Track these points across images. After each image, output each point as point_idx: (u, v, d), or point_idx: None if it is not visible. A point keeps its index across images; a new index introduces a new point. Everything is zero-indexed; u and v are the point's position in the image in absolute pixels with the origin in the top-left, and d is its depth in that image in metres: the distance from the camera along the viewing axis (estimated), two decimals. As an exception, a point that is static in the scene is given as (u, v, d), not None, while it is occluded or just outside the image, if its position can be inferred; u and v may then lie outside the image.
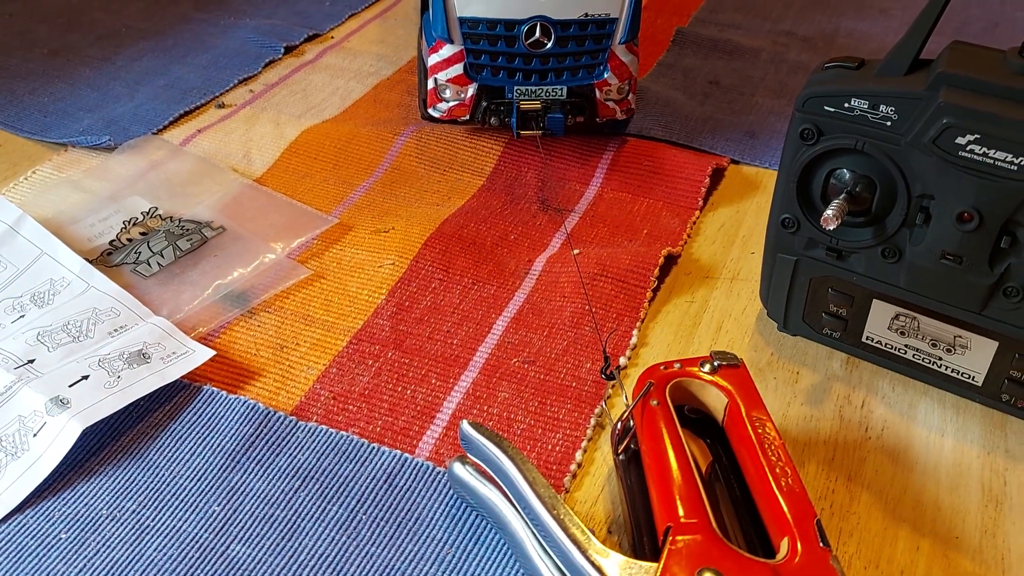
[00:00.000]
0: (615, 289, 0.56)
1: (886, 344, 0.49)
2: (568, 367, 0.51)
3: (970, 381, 0.47)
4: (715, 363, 0.43)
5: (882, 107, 0.43)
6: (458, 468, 0.42)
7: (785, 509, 0.36)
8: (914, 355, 0.48)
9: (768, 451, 0.38)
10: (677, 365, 0.43)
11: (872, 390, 0.49)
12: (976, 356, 0.46)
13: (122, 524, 0.42)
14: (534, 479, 0.38)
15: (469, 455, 0.42)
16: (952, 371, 0.47)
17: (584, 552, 0.35)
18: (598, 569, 0.35)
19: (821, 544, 0.35)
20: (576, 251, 0.60)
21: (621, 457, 0.43)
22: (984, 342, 0.46)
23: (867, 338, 0.49)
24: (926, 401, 0.48)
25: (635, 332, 0.54)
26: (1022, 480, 0.44)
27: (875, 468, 0.45)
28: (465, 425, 0.41)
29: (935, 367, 0.48)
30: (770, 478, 0.37)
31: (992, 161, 0.40)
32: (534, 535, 0.38)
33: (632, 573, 0.35)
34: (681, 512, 0.36)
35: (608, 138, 0.72)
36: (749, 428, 0.40)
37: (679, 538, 0.35)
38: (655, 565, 0.35)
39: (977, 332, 0.46)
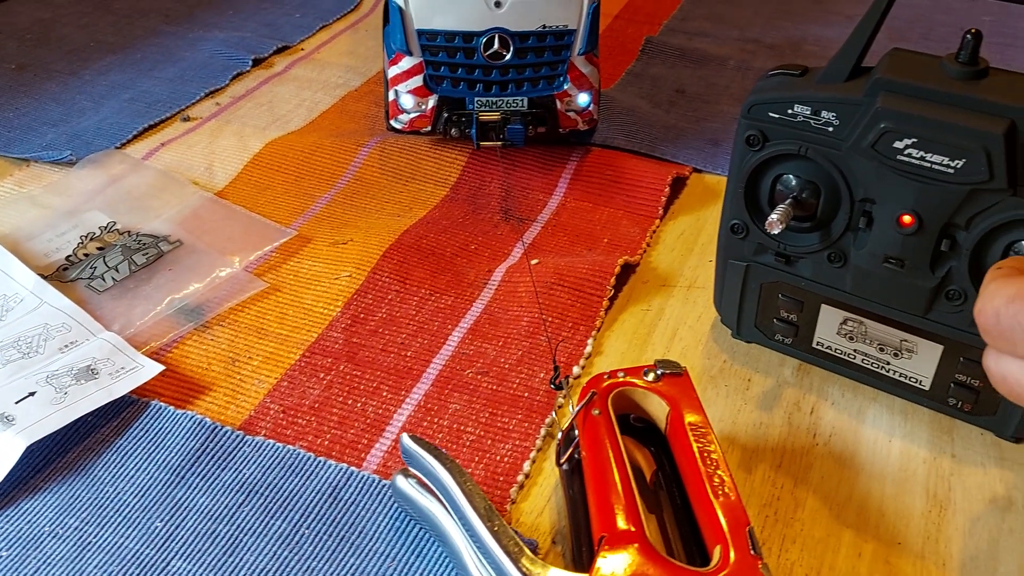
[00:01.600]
0: (571, 298, 0.56)
1: (835, 349, 0.49)
2: (521, 377, 0.51)
3: (917, 385, 0.47)
4: (658, 372, 0.43)
5: (823, 113, 0.43)
6: (400, 481, 0.41)
7: (720, 517, 0.36)
8: (863, 360, 0.48)
9: (706, 459, 0.38)
10: (621, 374, 0.43)
11: (822, 396, 0.49)
12: (923, 360, 0.46)
13: (64, 541, 0.42)
14: (471, 491, 0.38)
15: (411, 468, 0.42)
16: (900, 375, 0.47)
17: (516, 563, 0.35)
18: None
19: (752, 552, 0.35)
20: (535, 261, 0.60)
21: (564, 467, 0.42)
22: (930, 346, 0.45)
23: (817, 343, 0.49)
24: (875, 406, 0.48)
25: (590, 341, 0.53)
26: (967, 484, 0.44)
27: (821, 474, 0.44)
28: (406, 439, 0.41)
29: (883, 372, 0.48)
30: (707, 486, 0.37)
31: (929, 165, 0.40)
32: (474, 550, 0.38)
33: None
34: (616, 522, 0.36)
35: (572, 147, 0.72)
36: (689, 436, 0.40)
37: (611, 548, 0.35)
38: None
39: (922, 336, 0.45)
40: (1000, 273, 0.35)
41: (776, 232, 0.44)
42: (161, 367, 0.50)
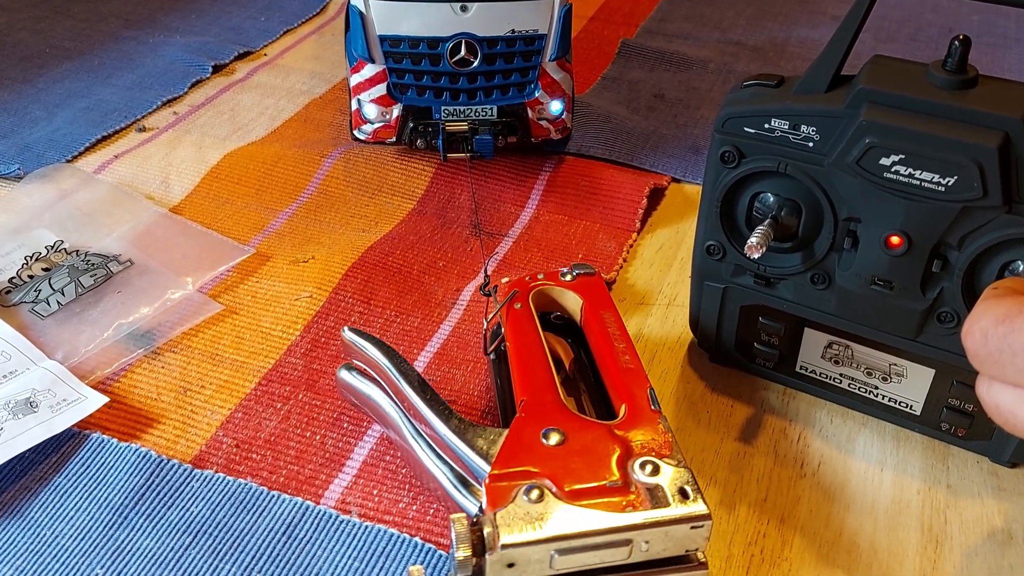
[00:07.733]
0: (544, 318, 0.53)
1: (821, 374, 0.46)
2: (491, 405, 0.48)
3: (908, 410, 0.45)
4: (574, 273, 0.48)
5: (803, 127, 0.40)
6: (344, 374, 0.44)
7: (625, 382, 0.41)
8: (850, 384, 0.46)
9: (613, 339, 0.43)
10: (541, 276, 0.49)
11: (809, 423, 0.46)
12: (913, 384, 0.44)
13: (-6, 593, 0.39)
14: (406, 370, 0.41)
15: (355, 362, 0.44)
16: (889, 400, 0.45)
17: (447, 423, 0.38)
18: (459, 434, 0.38)
19: (652, 407, 0.39)
20: (505, 279, 0.57)
21: (492, 356, 0.47)
22: (920, 370, 0.43)
23: (801, 368, 0.47)
24: (865, 433, 0.46)
25: (563, 364, 0.51)
26: (964, 517, 0.41)
27: (810, 508, 0.42)
28: (347, 332, 0.44)
29: (872, 396, 0.45)
30: (617, 359, 0.42)
31: (918, 182, 0.38)
32: (410, 422, 0.41)
33: (485, 436, 0.38)
34: (534, 387, 0.40)
35: (545, 157, 0.69)
36: (599, 322, 0.45)
37: (529, 406, 0.39)
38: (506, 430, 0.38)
39: (912, 360, 0.43)
40: (995, 294, 0.33)
41: (756, 257, 0.41)
42: (106, 399, 0.47)
